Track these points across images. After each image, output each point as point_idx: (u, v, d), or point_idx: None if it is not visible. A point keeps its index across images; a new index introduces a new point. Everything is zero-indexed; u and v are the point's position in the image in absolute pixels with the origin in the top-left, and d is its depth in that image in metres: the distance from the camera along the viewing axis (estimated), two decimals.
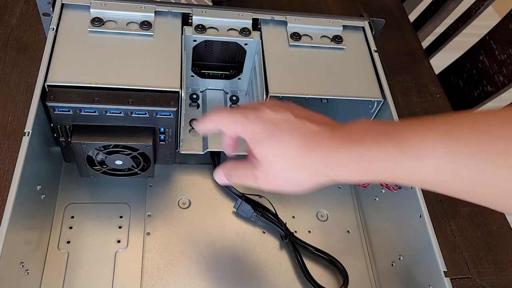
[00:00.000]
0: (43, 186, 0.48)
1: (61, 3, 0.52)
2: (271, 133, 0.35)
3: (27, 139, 0.43)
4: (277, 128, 0.36)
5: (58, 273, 0.49)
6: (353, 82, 0.53)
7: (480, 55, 0.84)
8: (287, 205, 0.59)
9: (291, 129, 0.35)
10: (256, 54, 0.56)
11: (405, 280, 0.49)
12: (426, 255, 0.45)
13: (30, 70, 0.65)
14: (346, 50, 0.56)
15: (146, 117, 0.48)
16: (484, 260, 0.59)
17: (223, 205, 0.58)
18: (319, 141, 0.34)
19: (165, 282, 0.51)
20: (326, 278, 0.54)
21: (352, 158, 0.33)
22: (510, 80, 0.78)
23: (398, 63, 0.80)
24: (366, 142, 0.32)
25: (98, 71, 0.47)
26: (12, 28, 0.70)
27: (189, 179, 0.59)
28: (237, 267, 0.53)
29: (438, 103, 0.76)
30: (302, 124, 0.35)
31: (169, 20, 0.54)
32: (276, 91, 0.50)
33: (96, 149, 0.49)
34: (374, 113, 0.54)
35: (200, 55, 0.59)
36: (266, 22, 0.56)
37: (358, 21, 0.59)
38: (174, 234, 0.54)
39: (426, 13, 0.99)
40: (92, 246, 0.52)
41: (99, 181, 0.56)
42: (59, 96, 0.45)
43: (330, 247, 0.56)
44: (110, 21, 0.52)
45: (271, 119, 0.36)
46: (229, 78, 0.62)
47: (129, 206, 0.55)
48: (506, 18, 0.79)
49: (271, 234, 0.57)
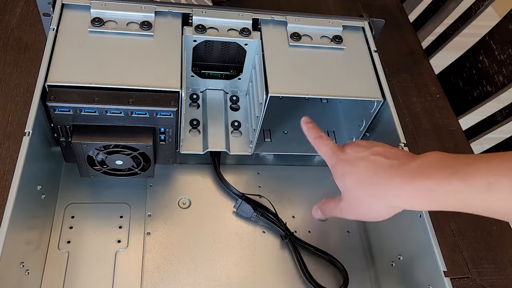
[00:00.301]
0: (44, 186, 0.48)
1: (61, 3, 0.52)
2: (350, 170, 0.42)
3: (28, 139, 0.43)
4: (355, 165, 0.41)
5: (58, 273, 0.50)
6: (353, 82, 0.53)
7: (480, 55, 0.84)
8: (287, 205, 0.59)
9: (366, 166, 0.40)
10: (256, 54, 0.56)
11: (404, 280, 0.49)
12: (426, 255, 0.45)
13: (30, 70, 0.66)
14: (346, 50, 0.56)
15: (146, 117, 0.48)
16: (484, 260, 0.60)
17: (223, 205, 0.58)
18: (390, 175, 0.38)
19: (165, 282, 0.51)
20: (326, 278, 0.54)
21: (420, 191, 0.36)
22: (509, 80, 0.78)
23: (398, 63, 0.81)
24: (436, 177, 0.36)
25: (98, 71, 0.47)
26: (12, 28, 0.70)
27: (189, 179, 0.59)
28: (237, 267, 0.54)
29: (438, 103, 0.76)
30: (376, 161, 0.40)
31: (169, 20, 0.54)
32: (276, 91, 0.50)
33: (97, 149, 0.49)
34: (374, 113, 0.54)
35: (200, 55, 0.59)
36: (266, 22, 0.56)
37: (358, 21, 0.59)
38: (174, 234, 0.54)
39: (426, 13, 0.99)
40: (93, 246, 0.52)
41: (99, 181, 0.56)
42: (60, 96, 0.45)
43: (330, 247, 0.56)
44: (110, 21, 0.52)
45: (351, 158, 0.42)
46: (229, 78, 0.62)
47: (129, 206, 0.55)
48: (506, 18, 0.79)
49: (271, 234, 0.57)
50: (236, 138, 0.59)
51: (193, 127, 0.59)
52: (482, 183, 0.33)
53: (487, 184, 0.33)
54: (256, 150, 0.58)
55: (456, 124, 0.74)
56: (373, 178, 0.40)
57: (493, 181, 0.33)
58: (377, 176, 0.39)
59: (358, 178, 0.41)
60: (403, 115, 0.73)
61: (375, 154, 0.41)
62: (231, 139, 0.59)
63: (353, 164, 0.42)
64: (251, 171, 0.62)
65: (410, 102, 0.75)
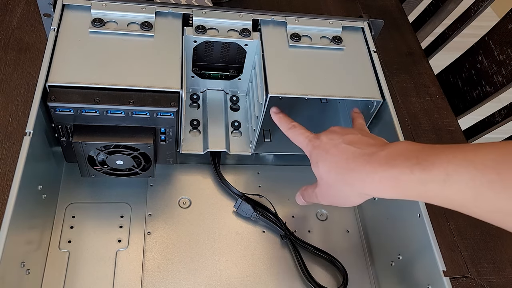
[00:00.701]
0: (44, 186, 0.48)
1: (62, 4, 0.52)
2: (323, 158, 0.43)
3: (28, 139, 0.43)
4: (328, 153, 0.43)
5: (59, 273, 0.50)
6: (353, 82, 0.53)
7: (479, 55, 0.84)
8: (287, 205, 0.59)
9: (338, 153, 0.42)
10: (256, 54, 0.56)
11: (404, 279, 0.50)
12: (425, 255, 0.45)
13: (31, 71, 0.66)
14: (346, 50, 0.56)
15: (147, 117, 0.48)
16: (483, 260, 0.60)
17: (223, 204, 0.58)
18: (359, 163, 0.39)
19: (166, 281, 0.51)
20: (325, 277, 0.55)
21: (386, 179, 0.37)
22: (508, 80, 0.78)
23: (397, 63, 0.81)
24: (400, 166, 0.36)
25: (99, 72, 0.47)
26: (13, 28, 0.70)
27: (189, 179, 0.59)
28: (237, 266, 0.54)
29: (437, 103, 0.76)
30: (347, 148, 0.41)
31: (170, 21, 0.54)
32: (276, 91, 0.50)
33: (97, 149, 0.49)
34: (374, 113, 0.54)
35: (200, 56, 0.59)
36: (266, 23, 0.57)
37: (358, 21, 0.59)
38: (174, 234, 0.55)
39: (425, 14, 0.99)
40: (93, 245, 0.52)
41: (100, 181, 0.57)
42: (60, 96, 0.45)
43: (330, 246, 0.56)
44: (111, 22, 0.52)
45: (325, 146, 0.43)
46: (229, 78, 0.62)
47: (130, 206, 0.56)
48: (505, 19, 0.79)
49: (271, 234, 0.57)
50: (236, 138, 0.60)
51: (193, 127, 0.59)
52: (440, 173, 0.33)
53: (445, 174, 0.33)
54: (256, 150, 0.59)
55: (455, 124, 0.74)
56: (343, 166, 0.41)
57: (451, 172, 0.33)
58: (347, 164, 0.40)
59: (330, 165, 0.42)
60: (402, 115, 0.73)
61: (347, 143, 0.42)
62: (231, 139, 0.59)
63: (326, 151, 0.43)
64: (251, 171, 0.62)
65: (409, 102, 0.75)
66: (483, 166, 0.32)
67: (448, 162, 0.33)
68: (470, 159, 0.32)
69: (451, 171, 0.33)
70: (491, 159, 0.31)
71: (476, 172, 0.32)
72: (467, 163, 0.32)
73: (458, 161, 0.33)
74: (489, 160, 0.31)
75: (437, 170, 0.34)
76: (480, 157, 0.32)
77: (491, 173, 0.31)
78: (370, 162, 0.39)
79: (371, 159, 0.39)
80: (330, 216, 0.60)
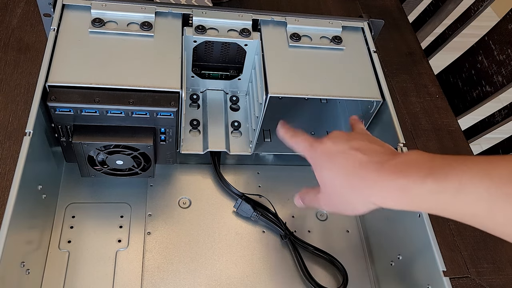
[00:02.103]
0: (44, 186, 0.48)
1: (62, 4, 0.52)
2: (328, 163, 0.41)
3: (28, 139, 0.43)
4: (332, 159, 0.41)
5: (59, 273, 0.50)
6: (353, 82, 0.53)
7: (479, 55, 0.84)
8: (287, 205, 0.59)
9: (344, 161, 0.40)
10: (256, 54, 0.56)
11: (404, 279, 0.50)
12: (425, 255, 0.45)
13: (31, 71, 0.66)
14: (346, 50, 0.56)
15: (147, 117, 0.48)
16: (483, 260, 0.60)
17: (223, 204, 0.58)
18: (367, 170, 0.38)
19: (166, 281, 0.51)
20: (325, 277, 0.55)
21: (396, 188, 0.36)
22: (508, 80, 0.78)
23: (397, 63, 0.81)
24: (412, 176, 0.35)
25: (99, 72, 0.47)
26: (13, 28, 0.70)
27: (189, 179, 0.59)
28: (237, 266, 0.54)
29: (437, 103, 0.76)
30: (355, 155, 0.40)
31: (170, 21, 0.54)
32: (276, 91, 0.50)
33: (97, 149, 0.49)
34: (374, 113, 0.54)
35: (200, 56, 0.59)
36: (266, 23, 0.57)
37: (358, 21, 0.59)
38: (174, 234, 0.55)
39: (425, 14, 0.99)
40: (93, 245, 0.52)
41: (99, 181, 0.57)
42: (60, 96, 0.45)
43: (330, 246, 0.56)
44: (111, 22, 0.52)
45: (329, 151, 0.41)
46: (229, 78, 0.62)
47: (130, 206, 0.56)
48: (505, 19, 0.79)
49: (271, 234, 0.57)
50: (236, 138, 0.60)
51: (193, 127, 0.59)
52: (454, 184, 0.33)
53: (459, 185, 0.32)
54: (256, 150, 0.59)
55: (455, 124, 0.74)
56: (350, 173, 0.39)
57: (465, 183, 0.32)
58: (354, 171, 0.39)
59: (336, 172, 0.40)
60: (402, 115, 0.73)
61: (354, 149, 0.40)
62: (231, 139, 0.59)
63: (331, 157, 0.41)
64: (251, 171, 0.62)
65: (409, 102, 0.75)
66: (500, 179, 0.31)
67: (463, 173, 0.33)
68: (486, 171, 0.32)
69: (466, 182, 0.32)
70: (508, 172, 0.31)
71: (491, 184, 0.31)
72: (482, 174, 0.32)
73: (473, 172, 0.32)
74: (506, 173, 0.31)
75: (451, 180, 0.33)
76: (497, 170, 0.32)
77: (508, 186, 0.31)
78: (379, 170, 0.37)
79: (381, 167, 0.38)
80: (330, 216, 0.60)
